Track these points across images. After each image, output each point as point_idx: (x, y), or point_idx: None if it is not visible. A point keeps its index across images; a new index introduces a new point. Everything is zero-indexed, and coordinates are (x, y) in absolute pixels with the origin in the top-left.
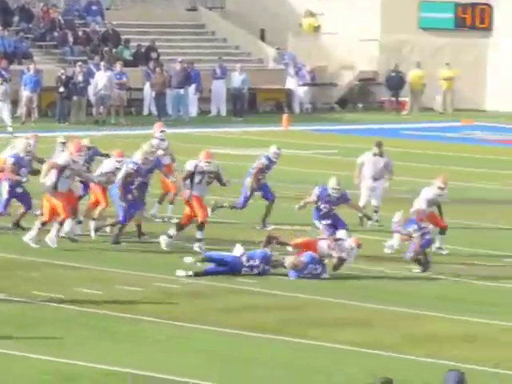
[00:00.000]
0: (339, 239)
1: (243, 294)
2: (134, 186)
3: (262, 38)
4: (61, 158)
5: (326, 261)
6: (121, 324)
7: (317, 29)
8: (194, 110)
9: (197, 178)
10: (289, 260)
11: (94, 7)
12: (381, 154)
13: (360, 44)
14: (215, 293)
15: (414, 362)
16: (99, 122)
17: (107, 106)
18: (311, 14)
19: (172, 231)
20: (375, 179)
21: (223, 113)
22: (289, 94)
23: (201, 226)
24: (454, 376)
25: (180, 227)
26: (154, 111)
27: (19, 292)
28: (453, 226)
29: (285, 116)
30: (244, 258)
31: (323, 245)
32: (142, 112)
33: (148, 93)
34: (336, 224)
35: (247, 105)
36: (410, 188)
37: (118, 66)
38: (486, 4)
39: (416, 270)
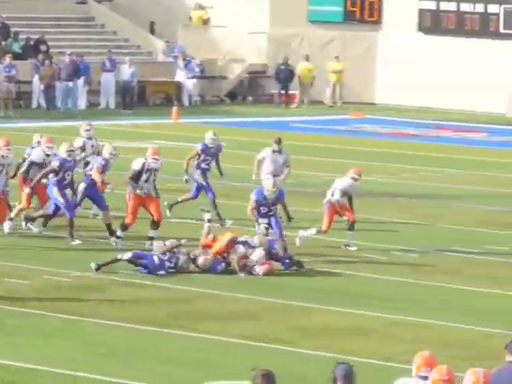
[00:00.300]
0: (247, 257)
1: (134, 286)
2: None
3: (152, 30)
4: None
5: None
6: (9, 317)
7: (206, 22)
8: (82, 103)
9: (144, 176)
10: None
11: None
12: (280, 151)
13: (249, 37)
14: (106, 286)
15: (303, 355)
16: None
17: None
18: (201, 7)
19: (119, 232)
20: (274, 175)
21: (112, 105)
22: (178, 86)
23: (156, 226)
24: (343, 369)
25: (125, 227)
26: (43, 104)
27: None
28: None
29: (174, 109)
30: (166, 257)
31: (238, 249)
32: (30, 105)
33: (37, 86)
34: (271, 224)
35: (137, 97)
36: (299, 181)
37: (8, 59)
38: None
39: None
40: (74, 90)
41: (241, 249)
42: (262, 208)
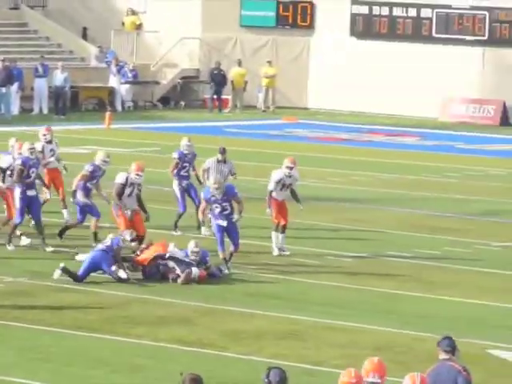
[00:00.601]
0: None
1: (66, 291)
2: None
3: (85, 36)
4: None
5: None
6: None
7: (139, 27)
8: (15, 109)
9: (127, 191)
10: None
11: None
12: (224, 161)
13: (182, 42)
14: (37, 291)
15: (235, 360)
16: None
17: None
18: (133, 13)
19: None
20: None
21: (45, 111)
22: (111, 92)
23: (141, 240)
24: (277, 374)
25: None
26: None
27: None
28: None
29: (107, 114)
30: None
31: (171, 249)
32: None
33: None
34: (229, 231)
35: (69, 103)
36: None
37: None
38: (308, 2)
39: None
40: (7, 95)
41: (171, 264)
42: (215, 206)
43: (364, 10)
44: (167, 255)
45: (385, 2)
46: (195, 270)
